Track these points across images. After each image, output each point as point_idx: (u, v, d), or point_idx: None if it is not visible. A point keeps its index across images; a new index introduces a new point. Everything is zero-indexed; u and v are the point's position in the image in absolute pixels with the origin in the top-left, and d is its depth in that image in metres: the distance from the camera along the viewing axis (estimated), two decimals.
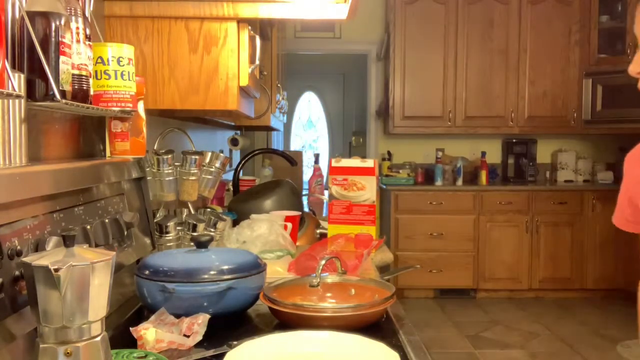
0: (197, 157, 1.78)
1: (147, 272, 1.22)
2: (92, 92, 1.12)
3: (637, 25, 0.95)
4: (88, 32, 1.10)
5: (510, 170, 5.76)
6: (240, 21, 1.56)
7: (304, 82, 8.37)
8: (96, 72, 1.21)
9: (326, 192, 3.05)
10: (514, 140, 5.75)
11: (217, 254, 1.33)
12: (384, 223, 5.34)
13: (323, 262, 1.30)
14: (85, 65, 1.08)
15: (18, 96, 0.87)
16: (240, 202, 2.30)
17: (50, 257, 0.76)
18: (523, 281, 5.33)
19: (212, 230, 1.76)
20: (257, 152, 3.08)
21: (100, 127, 1.38)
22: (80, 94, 1.07)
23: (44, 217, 0.98)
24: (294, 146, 8.90)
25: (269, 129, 3.94)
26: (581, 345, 4.22)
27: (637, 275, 1.90)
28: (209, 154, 1.89)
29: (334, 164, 2.06)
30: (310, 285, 1.26)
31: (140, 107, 1.40)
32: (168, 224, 1.65)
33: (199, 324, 1.11)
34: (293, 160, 3.03)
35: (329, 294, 1.39)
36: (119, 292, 1.32)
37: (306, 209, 2.87)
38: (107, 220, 1.21)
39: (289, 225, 1.97)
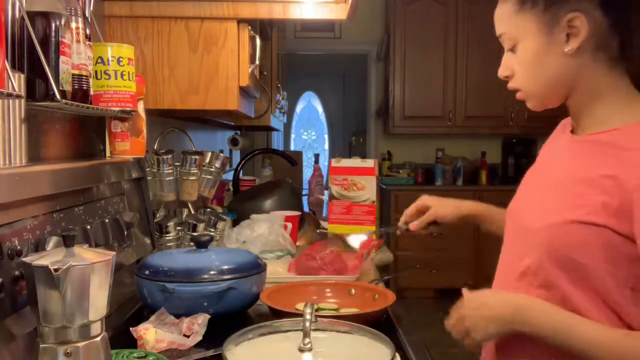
0: (197, 157, 1.78)
1: (147, 272, 1.22)
2: (92, 92, 1.12)
3: (500, 25, 1.04)
4: (88, 32, 1.10)
5: (510, 170, 5.75)
6: (240, 21, 1.56)
7: (304, 82, 8.36)
8: (96, 72, 1.21)
9: (326, 192, 3.05)
10: (514, 140, 5.75)
11: (217, 254, 1.33)
12: (384, 223, 5.34)
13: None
14: (85, 65, 1.08)
15: (18, 96, 0.87)
16: (240, 202, 2.30)
17: (50, 257, 0.76)
18: None
19: (212, 230, 1.76)
20: (257, 152, 3.08)
21: (100, 127, 1.37)
22: (80, 94, 1.07)
23: (44, 217, 0.98)
24: (294, 146, 8.89)
25: (269, 129, 3.94)
26: None
27: None
28: (209, 154, 1.89)
29: (334, 164, 2.06)
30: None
31: (140, 107, 1.40)
32: (168, 224, 1.65)
33: (199, 324, 1.12)
34: (293, 160, 3.03)
35: (329, 294, 1.39)
36: (119, 292, 1.32)
37: (306, 209, 2.87)
38: (107, 220, 1.21)
39: (289, 225, 1.97)
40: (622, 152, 0.90)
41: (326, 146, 9.02)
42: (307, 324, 0.87)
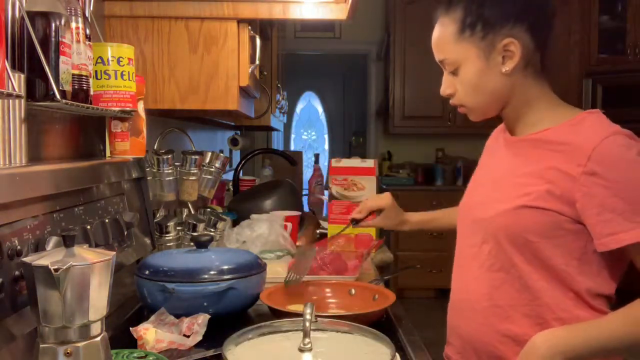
0: (197, 157, 1.78)
1: (147, 272, 1.22)
2: (92, 92, 1.12)
3: (439, 51, 1.20)
4: (88, 32, 1.10)
5: None
6: (240, 21, 1.56)
7: (304, 82, 8.36)
8: (96, 72, 1.21)
9: (326, 192, 3.04)
10: None
11: (217, 254, 1.33)
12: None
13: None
14: (85, 65, 1.08)
15: (18, 96, 0.87)
16: (240, 202, 2.30)
17: (50, 257, 0.76)
18: None
19: (212, 230, 1.76)
20: (257, 152, 3.08)
21: (100, 127, 1.37)
22: (80, 94, 1.07)
23: (44, 217, 0.98)
24: (294, 146, 8.89)
25: (269, 129, 3.94)
26: None
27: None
28: (209, 154, 1.89)
29: (334, 164, 2.06)
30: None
31: (140, 107, 1.40)
32: (168, 224, 1.65)
33: (199, 324, 1.12)
34: (293, 160, 3.03)
35: (329, 294, 1.39)
36: (119, 292, 1.32)
37: (306, 209, 2.87)
38: (107, 220, 1.21)
39: (289, 225, 1.97)
40: (558, 146, 1.04)
41: (326, 146, 9.01)
42: (307, 324, 0.87)
